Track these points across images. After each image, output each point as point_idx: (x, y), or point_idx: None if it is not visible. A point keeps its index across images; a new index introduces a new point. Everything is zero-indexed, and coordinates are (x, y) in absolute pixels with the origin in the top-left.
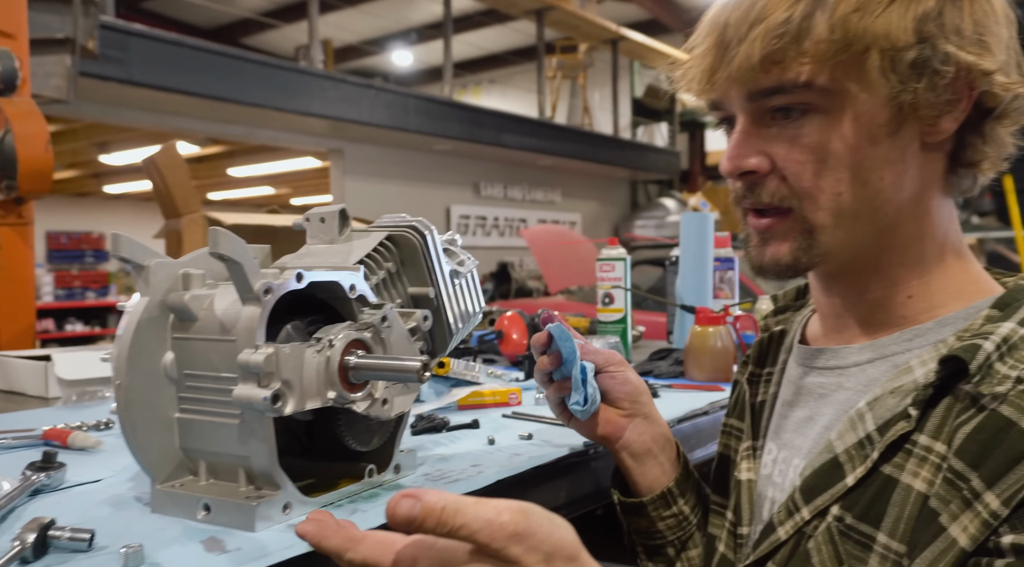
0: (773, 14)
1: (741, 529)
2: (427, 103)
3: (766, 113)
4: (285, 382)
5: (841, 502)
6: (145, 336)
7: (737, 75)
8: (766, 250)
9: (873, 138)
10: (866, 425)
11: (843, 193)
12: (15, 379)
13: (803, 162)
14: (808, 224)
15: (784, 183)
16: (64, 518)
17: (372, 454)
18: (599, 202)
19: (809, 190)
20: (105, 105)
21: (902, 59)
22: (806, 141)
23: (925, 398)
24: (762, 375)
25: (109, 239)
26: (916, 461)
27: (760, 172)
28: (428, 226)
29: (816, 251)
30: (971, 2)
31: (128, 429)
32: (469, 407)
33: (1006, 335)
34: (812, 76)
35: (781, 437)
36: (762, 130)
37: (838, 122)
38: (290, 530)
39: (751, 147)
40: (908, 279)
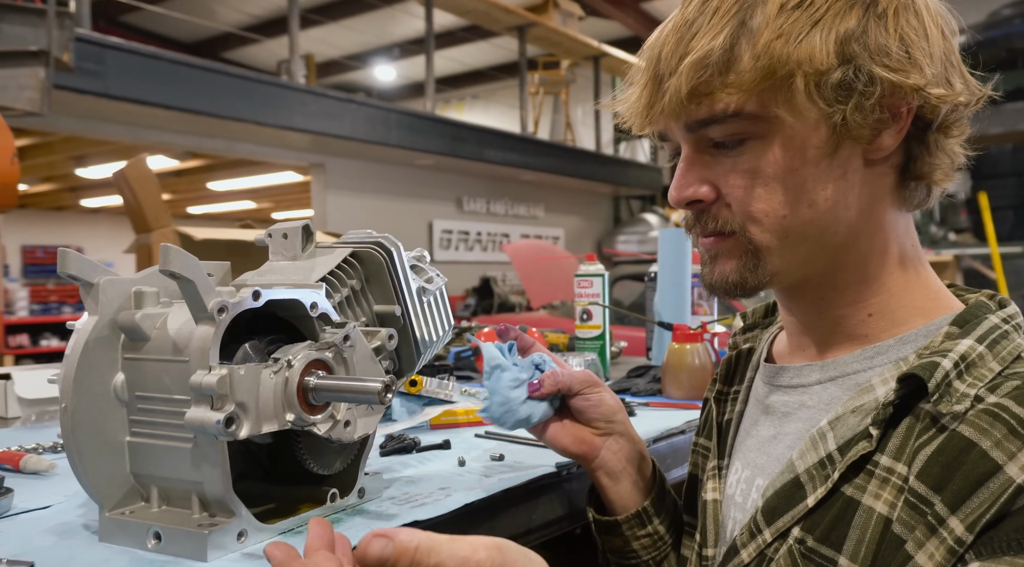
0: (698, 46)
1: (707, 550)
2: (409, 118)
3: (706, 142)
4: (239, 405)
5: (802, 523)
6: (94, 357)
7: (670, 109)
8: (715, 268)
9: (811, 159)
10: (827, 444)
11: (786, 215)
12: None
13: (744, 188)
14: (753, 245)
15: (729, 209)
16: (4, 548)
17: (335, 477)
18: (582, 217)
19: (752, 214)
20: (81, 118)
21: (826, 82)
22: (744, 167)
23: (885, 417)
24: (729, 393)
25: (58, 255)
26: (878, 483)
27: (706, 201)
28: (394, 242)
29: (763, 271)
30: (896, 19)
31: (74, 454)
32: (441, 426)
33: (964, 353)
34: (740, 105)
35: (746, 456)
36: (704, 159)
37: (773, 147)
38: (245, 559)
39: (695, 177)
40: (867, 297)
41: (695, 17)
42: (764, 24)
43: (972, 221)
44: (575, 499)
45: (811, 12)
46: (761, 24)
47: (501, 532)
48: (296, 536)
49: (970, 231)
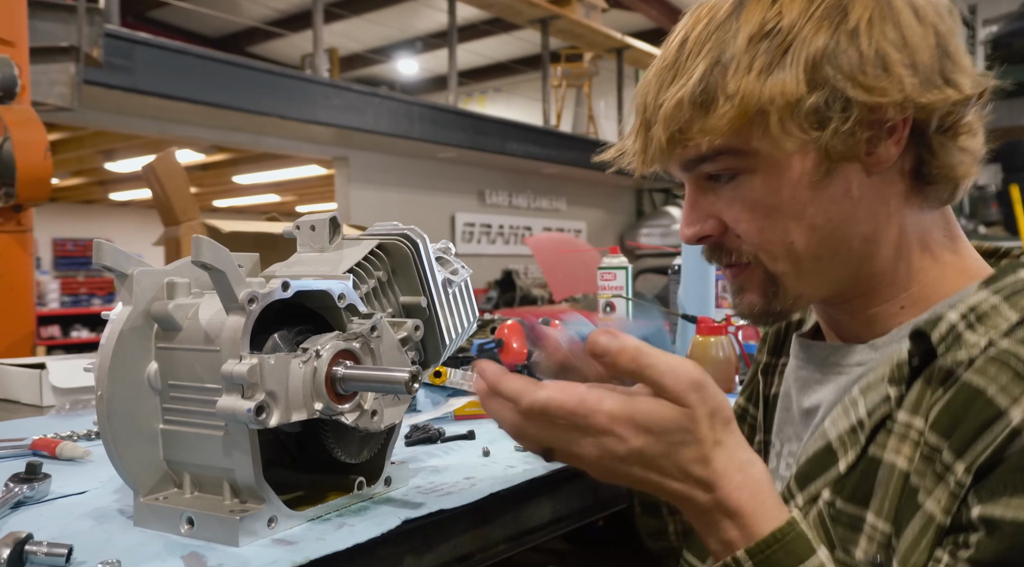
0: (673, 92)
1: None
2: (432, 111)
3: (704, 177)
4: (270, 393)
5: (832, 486)
6: (128, 346)
7: (659, 154)
8: (743, 299)
9: (806, 185)
10: (859, 410)
11: (794, 241)
12: (10, 387)
13: (747, 220)
14: (770, 274)
15: (740, 240)
16: (43, 532)
17: (362, 466)
18: (604, 210)
19: (761, 244)
20: (110, 113)
21: (800, 111)
22: (744, 200)
23: (903, 376)
24: (776, 366)
25: (94, 247)
26: (897, 438)
27: (714, 235)
28: (420, 235)
29: (785, 296)
30: (870, 32)
31: (110, 441)
32: (466, 417)
33: (974, 304)
34: (722, 145)
35: (784, 432)
36: (707, 194)
37: (767, 178)
38: (275, 545)
39: (700, 213)
40: (897, 293)
41: (675, 59)
42: (735, 60)
43: (1003, 214)
44: (599, 490)
45: (779, 40)
46: (734, 61)
47: (526, 522)
48: (324, 523)
49: (1001, 224)
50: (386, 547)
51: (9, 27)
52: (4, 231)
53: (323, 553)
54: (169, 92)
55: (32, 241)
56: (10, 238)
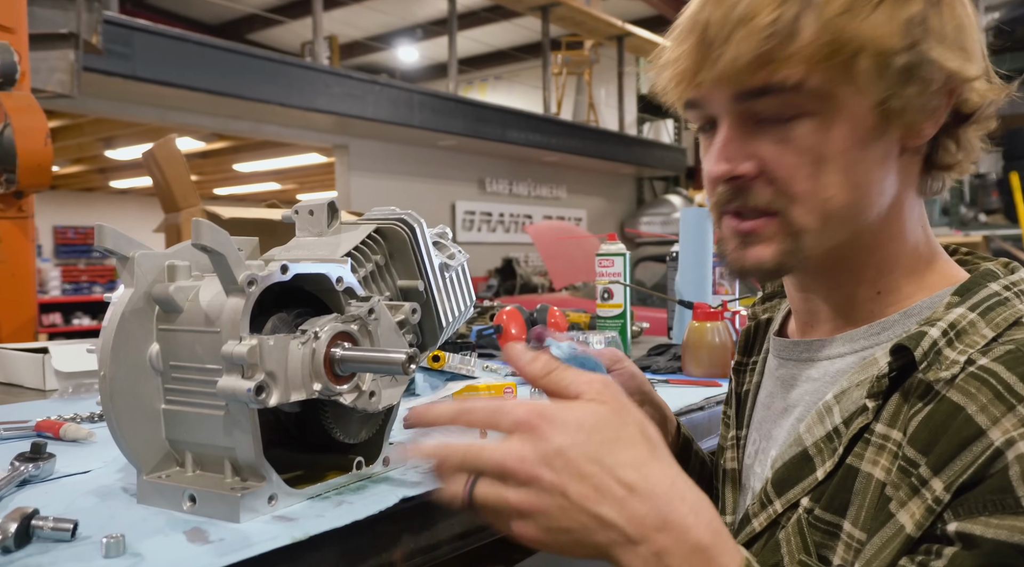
0: (760, 14)
1: (725, 518)
2: (432, 99)
3: (754, 113)
4: (269, 374)
5: (811, 494)
6: (130, 327)
7: (724, 76)
8: (747, 253)
9: (862, 142)
10: (833, 418)
11: (834, 196)
12: (13, 371)
13: (796, 165)
14: (794, 227)
15: (772, 187)
16: (49, 508)
17: (361, 446)
18: (605, 198)
19: (800, 193)
20: (110, 100)
21: (892, 64)
22: (799, 144)
23: (881, 389)
24: (747, 364)
25: (95, 230)
26: (874, 449)
27: (747, 177)
28: (417, 219)
29: (801, 254)
30: (951, 8)
31: (113, 420)
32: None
33: (953, 321)
34: (803, 78)
35: (763, 428)
36: (750, 132)
37: (830, 125)
38: (275, 521)
39: (739, 150)
40: (878, 276)
41: None
42: None
43: (1003, 202)
44: None
45: None
46: None
47: None
48: (323, 501)
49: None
50: (384, 524)
51: (8, 13)
52: (5, 217)
53: (322, 529)
54: (168, 79)
55: (33, 227)
56: (11, 224)
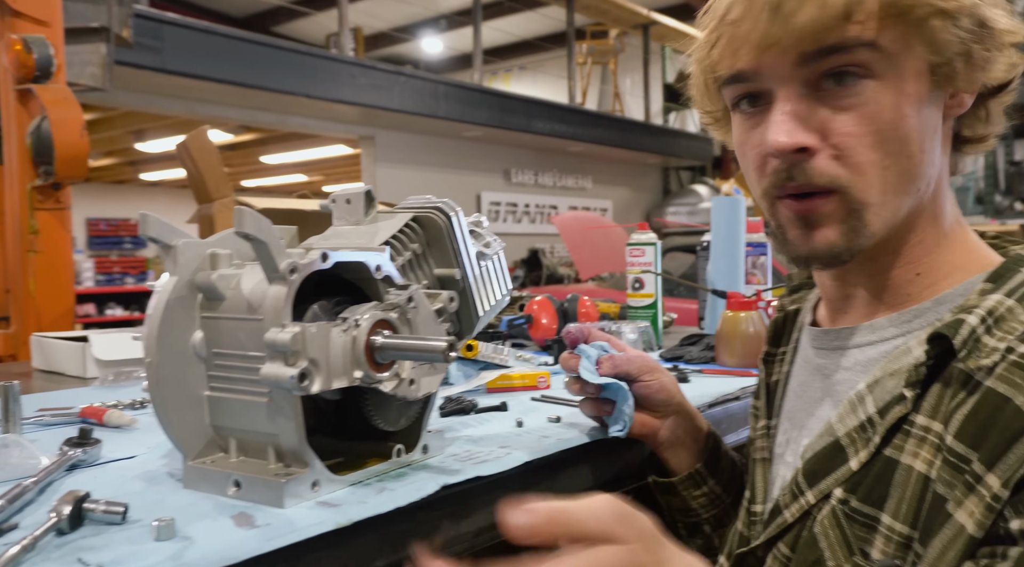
0: None
1: (755, 507)
2: (457, 90)
3: (818, 79)
4: (312, 361)
5: (844, 485)
6: (174, 315)
7: (803, 32)
8: (814, 236)
9: (919, 108)
10: (867, 408)
11: (890, 167)
12: (54, 359)
13: (860, 135)
14: (857, 203)
15: (835, 161)
16: (99, 492)
17: (400, 434)
18: (630, 188)
19: (862, 165)
20: (140, 93)
21: (958, 24)
22: (864, 110)
23: (919, 378)
24: (776, 354)
25: (139, 219)
26: (915, 441)
27: (812, 150)
28: (453, 207)
29: (866, 232)
30: None
31: (159, 406)
32: (497, 390)
33: (991, 307)
34: (876, 35)
35: (793, 417)
36: (812, 100)
37: (891, 89)
38: (318, 507)
39: (802, 121)
40: (919, 256)
41: None
42: None
43: None
44: (628, 461)
45: None
46: None
47: (559, 491)
48: (365, 488)
49: None
50: (425, 512)
51: (44, 8)
52: (44, 209)
53: (365, 515)
54: (197, 72)
55: (70, 219)
56: (50, 216)
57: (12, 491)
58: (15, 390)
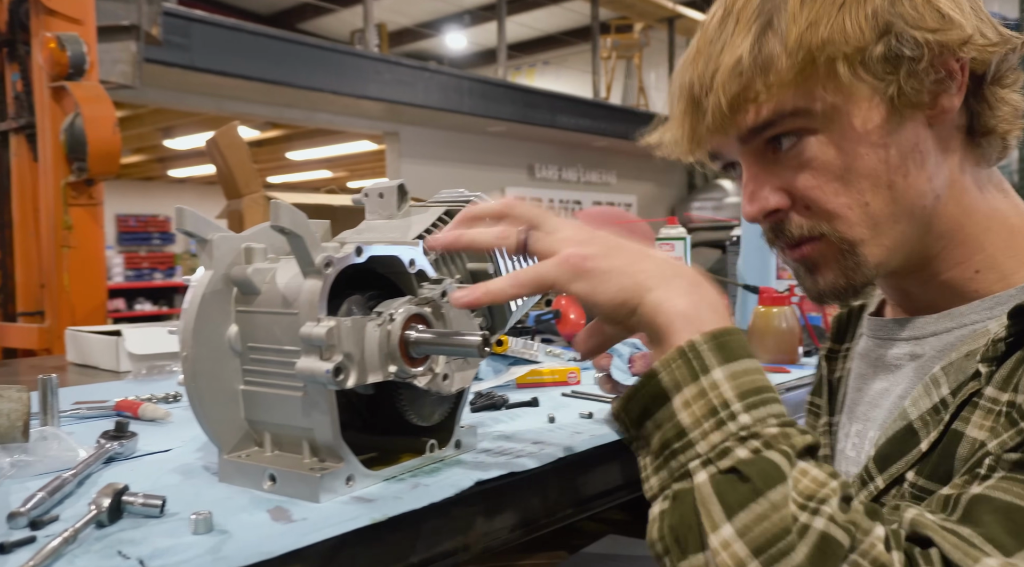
0: (727, 57)
1: None
2: (482, 85)
3: (765, 148)
4: (347, 355)
5: (916, 467)
6: (210, 309)
7: (717, 126)
8: (817, 279)
9: (877, 141)
10: (940, 390)
11: (869, 203)
12: (88, 353)
13: (818, 186)
14: (845, 243)
15: (808, 211)
16: (136, 484)
17: (433, 429)
18: (655, 184)
19: (836, 210)
20: (169, 90)
21: (871, 57)
22: (815, 164)
23: (996, 354)
24: (840, 351)
25: (174, 213)
26: (982, 413)
27: (783, 208)
28: (486, 201)
29: (866, 267)
30: None
31: (195, 400)
32: (528, 385)
33: None
34: (792, 102)
35: (855, 411)
36: (769, 166)
37: (837, 136)
38: (353, 502)
39: (766, 186)
40: (971, 255)
41: (717, 35)
42: (791, 19)
43: None
44: None
45: None
46: (788, 20)
47: (592, 487)
48: (399, 482)
49: None
50: (459, 507)
51: (77, 6)
52: (77, 204)
53: (401, 511)
54: (224, 69)
55: (103, 214)
56: (83, 211)
57: (52, 483)
58: (53, 383)
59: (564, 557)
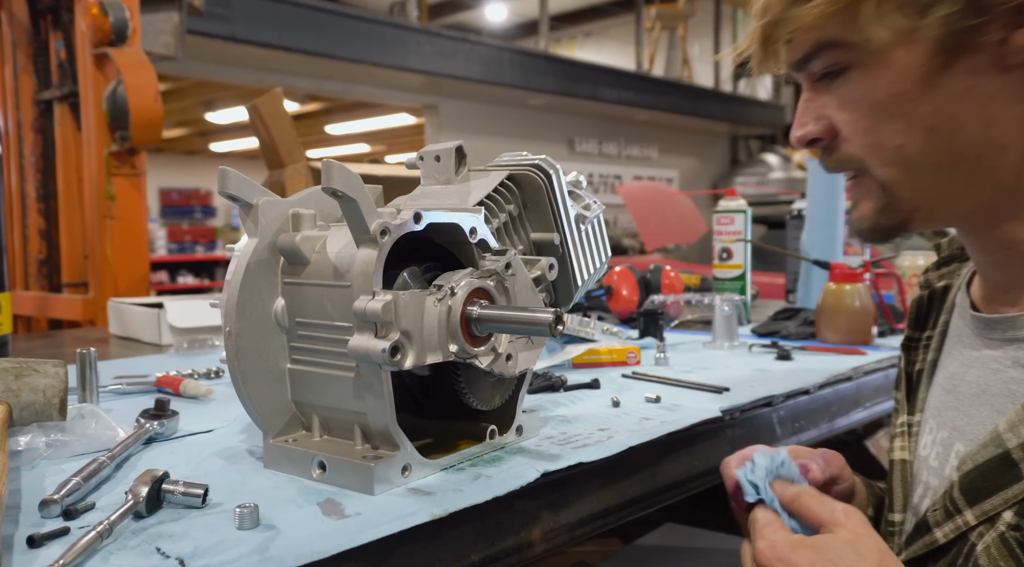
0: None
1: (893, 515)
2: (522, 57)
3: (815, 78)
4: (404, 333)
5: (1017, 507)
6: (254, 281)
7: (770, 54)
8: (855, 212)
9: (918, 79)
10: None
11: (904, 145)
12: (130, 325)
13: (853, 121)
14: (882, 181)
15: (850, 144)
16: (177, 470)
17: (492, 414)
18: (697, 158)
19: (869, 147)
20: (211, 63)
21: None
22: (850, 98)
23: None
24: (920, 340)
25: (217, 175)
26: None
27: (823, 138)
28: (553, 165)
29: (899, 209)
30: None
31: (239, 380)
32: (584, 365)
33: None
34: (823, 38)
35: (942, 415)
36: (819, 95)
37: (873, 73)
38: (410, 495)
39: (809, 114)
40: None
41: None
42: None
43: None
44: (738, 445)
45: None
46: None
47: (662, 478)
48: (458, 472)
49: None
50: (523, 501)
51: None
52: (120, 174)
53: (462, 506)
54: (266, 40)
55: (145, 185)
56: (126, 181)
57: (88, 467)
58: (92, 358)
59: (617, 545)
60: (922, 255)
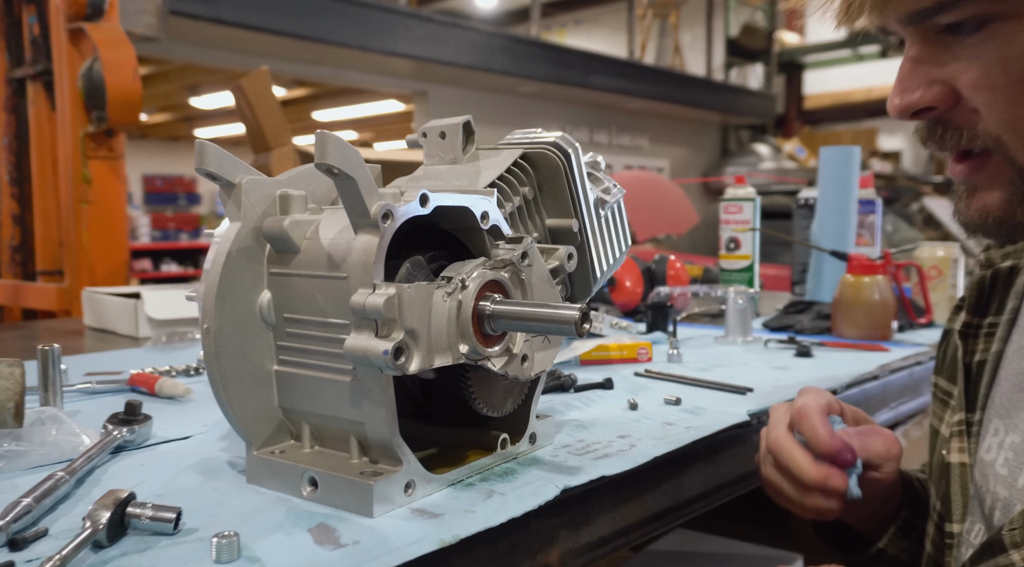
0: None
1: (951, 526)
2: (514, 43)
3: (936, 32)
4: (409, 332)
5: None
6: (236, 271)
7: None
8: (972, 201)
9: None
10: None
11: None
12: (106, 317)
13: (993, 88)
14: (1018, 166)
15: (976, 117)
16: (147, 486)
17: (501, 420)
18: (688, 148)
19: (1010, 122)
20: (195, 45)
21: None
22: (993, 59)
23: None
24: (982, 327)
25: (195, 149)
26: None
27: (940, 107)
28: (572, 143)
29: None
30: None
31: (218, 383)
32: (593, 362)
33: None
34: None
35: (1013, 417)
36: (936, 52)
37: None
38: (414, 516)
39: (920, 78)
40: None
41: None
42: None
43: None
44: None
45: None
46: None
47: (688, 489)
48: (468, 489)
49: None
50: (540, 520)
51: None
52: (96, 157)
53: (474, 530)
54: (251, 23)
55: (124, 168)
56: (102, 165)
57: (43, 485)
58: (55, 354)
59: (627, 553)
60: (941, 246)
